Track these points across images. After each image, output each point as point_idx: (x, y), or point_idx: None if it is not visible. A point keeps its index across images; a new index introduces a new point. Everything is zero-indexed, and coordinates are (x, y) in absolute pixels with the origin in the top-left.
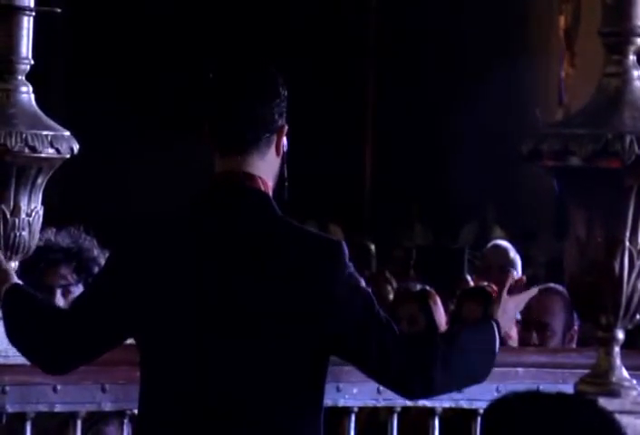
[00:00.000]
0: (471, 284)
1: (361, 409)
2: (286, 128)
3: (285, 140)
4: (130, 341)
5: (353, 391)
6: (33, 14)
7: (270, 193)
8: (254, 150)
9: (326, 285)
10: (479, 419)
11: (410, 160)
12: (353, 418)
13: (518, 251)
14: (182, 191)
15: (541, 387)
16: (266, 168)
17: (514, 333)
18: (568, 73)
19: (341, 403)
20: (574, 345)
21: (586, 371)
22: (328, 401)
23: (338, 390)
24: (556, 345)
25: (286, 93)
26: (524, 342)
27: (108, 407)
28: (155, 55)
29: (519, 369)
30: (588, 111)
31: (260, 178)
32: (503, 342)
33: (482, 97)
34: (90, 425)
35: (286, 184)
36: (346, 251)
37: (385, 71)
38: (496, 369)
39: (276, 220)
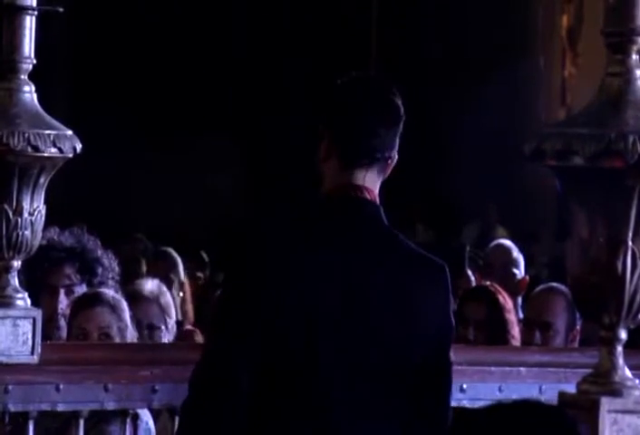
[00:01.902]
0: (473, 279)
1: None
2: (396, 157)
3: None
4: (131, 340)
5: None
6: (36, 13)
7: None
8: (376, 168)
9: (432, 307)
10: None
11: (411, 160)
12: None
13: (521, 251)
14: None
15: (544, 387)
16: (377, 185)
17: (517, 332)
18: (571, 73)
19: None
20: (576, 345)
21: (589, 370)
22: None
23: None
24: (558, 345)
25: (403, 115)
26: (526, 341)
27: (110, 406)
28: (159, 55)
29: (522, 368)
30: (591, 111)
31: (373, 191)
32: (506, 341)
33: (484, 97)
34: (92, 424)
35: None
36: (448, 274)
37: (387, 70)
38: (498, 368)
39: (391, 240)
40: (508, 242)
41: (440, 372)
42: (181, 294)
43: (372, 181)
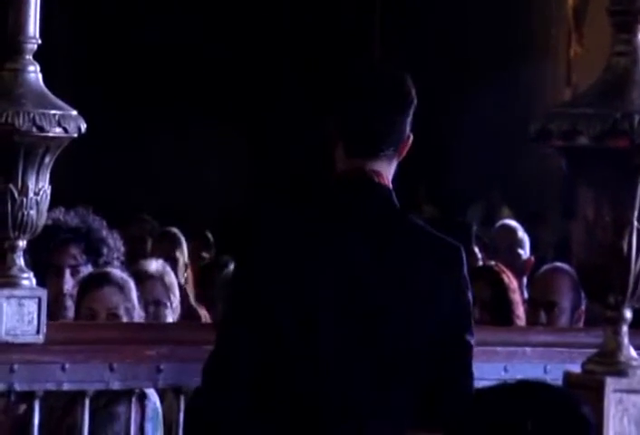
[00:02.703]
0: (480, 257)
1: None
2: (412, 137)
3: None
4: (138, 320)
5: None
6: None
7: (391, 189)
8: (384, 156)
9: (449, 289)
10: None
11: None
12: None
13: (526, 231)
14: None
15: (549, 366)
16: (389, 170)
17: (522, 312)
18: (577, 53)
19: None
20: (581, 325)
21: (594, 350)
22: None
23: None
24: (563, 325)
25: (416, 101)
26: (532, 321)
27: (116, 386)
28: (165, 37)
29: (527, 348)
30: (597, 91)
31: (386, 176)
32: (511, 321)
33: (490, 78)
34: (101, 406)
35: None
36: (464, 257)
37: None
38: (504, 348)
39: (399, 217)
40: (513, 223)
41: (458, 354)
42: (186, 274)
43: (381, 165)
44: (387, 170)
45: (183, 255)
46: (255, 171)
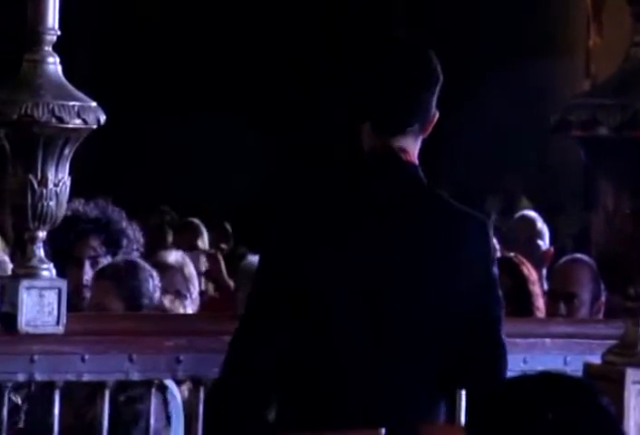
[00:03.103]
0: (498, 249)
1: None
2: (437, 114)
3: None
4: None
5: None
6: None
7: (417, 165)
8: (410, 134)
9: (477, 263)
10: None
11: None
12: None
13: (546, 222)
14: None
15: (568, 358)
16: (415, 146)
17: (541, 304)
18: (596, 43)
19: None
20: (601, 316)
21: (614, 341)
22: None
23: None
24: (583, 316)
25: (442, 78)
26: (551, 312)
27: (135, 376)
28: (184, 27)
29: (547, 340)
30: (616, 81)
31: (412, 153)
32: (531, 313)
33: (510, 67)
34: (125, 403)
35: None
36: (491, 228)
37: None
38: (523, 340)
39: (426, 192)
40: (532, 213)
41: (489, 326)
42: (207, 264)
43: (407, 142)
44: (413, 147)
45: (205, 245)
46: (272, 161)
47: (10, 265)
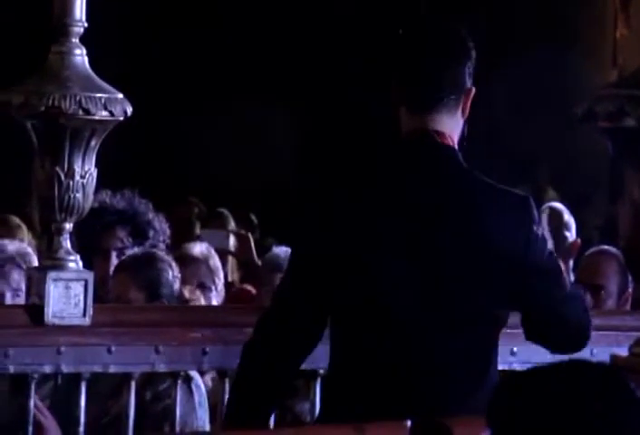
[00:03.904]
0: None
1: None
2: (474, 90)
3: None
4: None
5: None
6: None
7: (457, 148)
8: (444, 109)
9: (519, 239)
10: None
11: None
12: None
13: (572, 214)
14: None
15: (595, 350)
16: (453, 126)
17: None
18: (623, 34)
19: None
20: (628, 308)
21: None
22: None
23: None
24: (610, 308)
25: (475, 55)
26: None
27: (161, 368)
28: (211, 17)
29: None
30: None
31: (449, 135)
32: None
33: (535, 57)
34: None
35: (464, 144)
36: (533, 205)
37: None
38: None
39: (464, 174)
40: (559, 205)
41: (547, 280)
42: (236, 244)
43: (442, 122)
44: (451, 128)
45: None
46: (300, 153)
47: (34, 258)
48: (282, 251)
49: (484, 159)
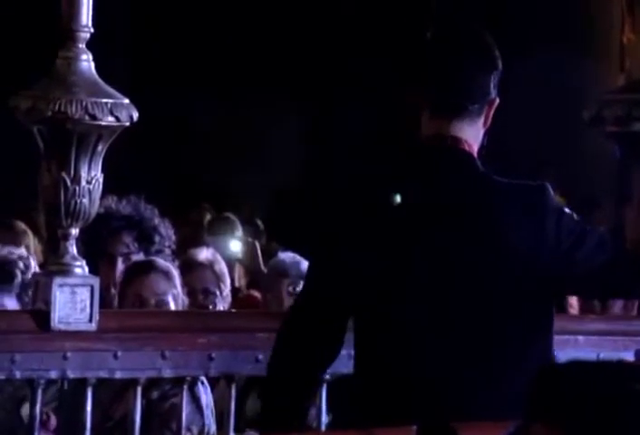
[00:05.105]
0: None
1: None
2: (498, 101)
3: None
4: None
5: None
6: None
7: (475, 155)
8: (466, 117)
9: (534, 225)
10: None
11: None
12: None
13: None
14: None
15: (602, 355)
16: (473, 134)
17: (575, 300)
18: (630, 39)
19: None
20: (635, 313)
21: None
22: None
23: None
24: (617, 313)
25: (501, 66)
26: (585, 309)
27: (168, 373)
28: (220, 21)
29: (580, 337)
30: None
31: (466, 141)
32: (564, 310)
33: (543, 61)
34: (157, 399)
35: (483, 153)
36: (550, 190)
37: None
38: (556, 336)
39: (482, 177)
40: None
41: (588, 244)
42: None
43: (463, 129)
44: (470, 136)
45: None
46: (308, 159)
47: (33, 263)
48: (287, 257)
49: (490, 163)
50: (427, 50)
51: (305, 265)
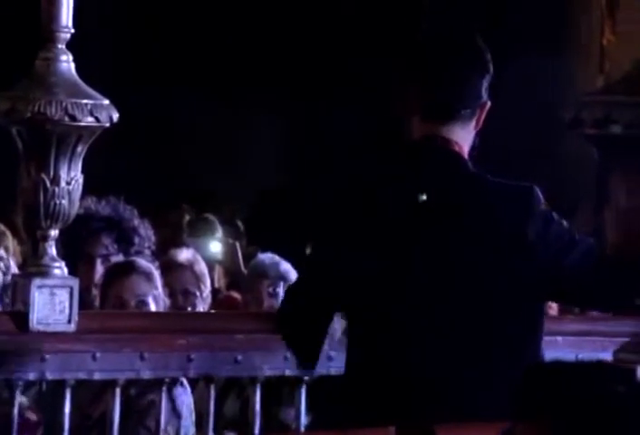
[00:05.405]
0: None
1: None
2: (489, 104)
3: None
4: (164, 309)
5: None
6: None
7: (465, 156)
8: (458, 121)
9: (520, 227)
10: None
11: None
12: None
13: None
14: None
15: (580, 356)
16: (464, 136)
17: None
18: (610, 41)
19: None
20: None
21: (626, 339)
22: None
23: None
24: (595, 314)
25: (492, 70)
26: (564, 310)
27: (146, 375)
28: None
29: (559, 337)
30: (630, 79)
31: (457, 143)
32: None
33: (520, 65)
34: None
35: (474, 154)
36: (539, 193)
37: None
38: None
39: (470, 176)
40: None
41: (579, 254)
42: (223, 252)
43: (454, 131)
44: (461, 137)
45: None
46: (288, 160)
47: (12, 264)
48: (267, 257)
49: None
50: (419, 53)
51: (284, 265)
